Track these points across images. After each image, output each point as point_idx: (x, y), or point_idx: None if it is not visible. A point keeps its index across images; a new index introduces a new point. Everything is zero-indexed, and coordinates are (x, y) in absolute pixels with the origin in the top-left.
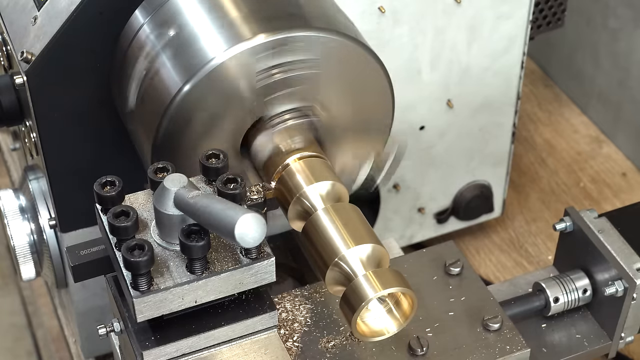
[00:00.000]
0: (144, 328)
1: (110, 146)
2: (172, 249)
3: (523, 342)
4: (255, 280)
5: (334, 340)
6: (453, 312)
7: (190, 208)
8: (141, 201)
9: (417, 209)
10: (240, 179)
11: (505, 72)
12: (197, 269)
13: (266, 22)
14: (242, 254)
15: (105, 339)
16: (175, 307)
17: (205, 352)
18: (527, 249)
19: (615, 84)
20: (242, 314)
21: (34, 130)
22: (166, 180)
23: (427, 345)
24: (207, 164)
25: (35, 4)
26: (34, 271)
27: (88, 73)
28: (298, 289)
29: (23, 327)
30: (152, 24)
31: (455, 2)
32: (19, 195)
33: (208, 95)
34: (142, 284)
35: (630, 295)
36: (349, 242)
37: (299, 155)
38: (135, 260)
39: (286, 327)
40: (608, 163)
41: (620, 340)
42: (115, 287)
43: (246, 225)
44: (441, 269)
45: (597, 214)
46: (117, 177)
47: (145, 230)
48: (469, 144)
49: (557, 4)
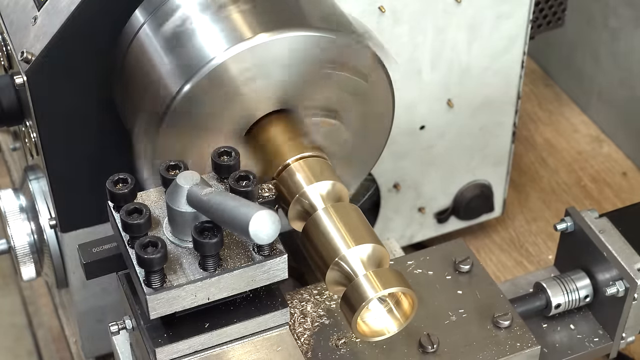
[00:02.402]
0: (157, 325)
1: (110, 146)
2: (184, 246)
3: (533, 339)
4: (268, 277)
5: (345, 337)
6: (463, 309)
7: (204, 205)
8: (153, 198)
9: (417, 209)
10: (252, 176)
11: (506, 72)
12: (210, 266)
13: (266, 21)
14: (255, 251)
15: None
16: (188, 304)
17: (218, 349)
18: (527, 249)
19: (616, 84)
20: (254, 311)
21: (34, 130)
22: (179, 177)
23: (438, 342)
24: (218, 161)
25: (35, 4)
26: (34, 271)
27: (88, 73)
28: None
29: (23, 327)
30: (152, 23)
31: (455, 2)
32: (19, 195)
33: (208, 95)
34: (155, 281)
35: (632, 295)
36: (349, 242)
37: (300, 155)
38: (149, 257)
39: (297, 325)
40: (609, 162)
41: (621, 341)
42: (128, 285)
43: (260, 222)
44: (451, 267)
45: (598, 214)
46: (130, 174)
47: (157, 227)
48: (469, 144)
49: (558, 3)
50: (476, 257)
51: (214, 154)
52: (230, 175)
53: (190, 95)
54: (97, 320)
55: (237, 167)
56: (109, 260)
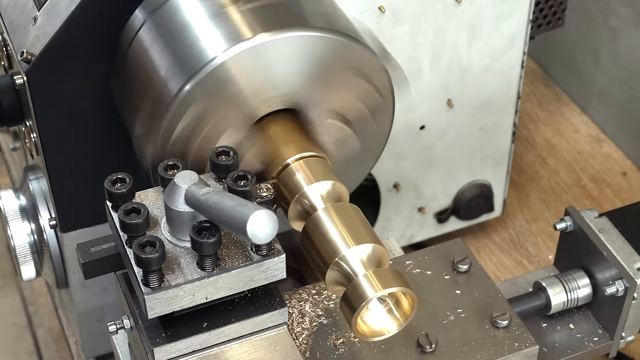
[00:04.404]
0: (155, 325)
1: (110, 146)
2: (182, 245)
3: (532, 339)
4: (266, 276)
5: (343, 337)
6: (461, 309)
7: (202, 205)
8: (151, 198)
9: (417, 209)
10: (250, 175)
11: (506, 72)
12: (208, 266)
13: (266, 21)
14: (253, 251)
15: (105, 338)
16: (186, 304)
17: (216, 348)
18: (527, 249)
19: (616, 84)
20: (252, 311)
21: (34, 130)
22: (177, 177)
23: (436, 342)
24: (217, 161)
25: (35, 4)
26: (34, 271)
27: (88, 73)
28: (305, 287)
29: (24, 327)
30: (152, 23)
31: (455, 2)
32: (19, 195)
33: (208, 95)
34: (153, 280)
35: (631, 294)
36: (349, 241)
37: (300, 155)
38: (147, 257)
39: (295, 325)
40: (608, 162)
41: (620, 340)
42: (126, 284)
43: (258, 221)
44: (449, 266)
45: (598, 214)
46: (128, 174)
47: (155, 227)
48: (469, 144)
49: (558, 3)
50: (475, 257)
51: (213, 153)
52: (229, 175)
53: (190, 95)
54: (97, 320)
55: (236, 167)
56: (107, 260)
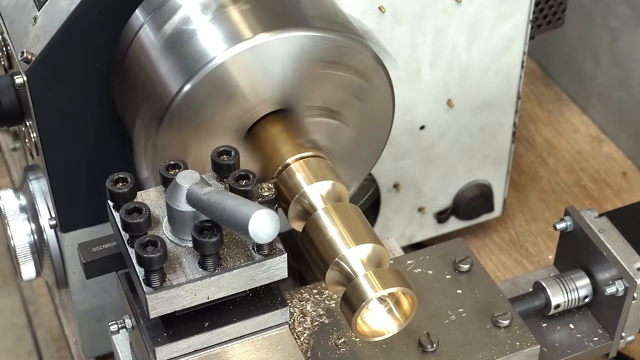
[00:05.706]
0: (156, 324)
1: (110, 146)
2: (184, 245)
3: (533, 339)
4: (267, 276)
5: (344, 336)
6: (463, 308)
7: (203, 204)
8: (153, 198)
9: (417, 209)
10: (252, 175)
11: (506, 72)
12: (210, 265)
13: (266, 21)
14: (254, 250)
15: (105, 338)
16: (187, 304)
17: (217, 348)
18: (527, 249)
19: (616, 83)
20: (254, 310)
21: (34, 130)
22: (178, 176)
23: (437, 341)
24: (218, 161)
25: (35, 4)
26: (34, 271)
27: (88, 73)
28: (306, 286)
29: (24, 327)
30: (152, 23)
31: (455, 2)
32: (19, 195)
33: (208, 95)
34: (154, 280)
35: (631, 294)
36: (349, 241)
37: (300, 155)
38: (149, 256)
39: (296, 324)
40: (608, 162)
41: (620, 340)
42: (127, 284)
43: (260, 221)
44: (450, 266)
45: (598, 214)
46: (129, 173)
47: (157, 226)
48: (469, 144)
49: (558, 3)
50: (476, 256)
51: (214, 153)
52: (230, 175)
53: (190, 95)
54: (97, 320)
55: (237, 167)
56: (109, 260)
